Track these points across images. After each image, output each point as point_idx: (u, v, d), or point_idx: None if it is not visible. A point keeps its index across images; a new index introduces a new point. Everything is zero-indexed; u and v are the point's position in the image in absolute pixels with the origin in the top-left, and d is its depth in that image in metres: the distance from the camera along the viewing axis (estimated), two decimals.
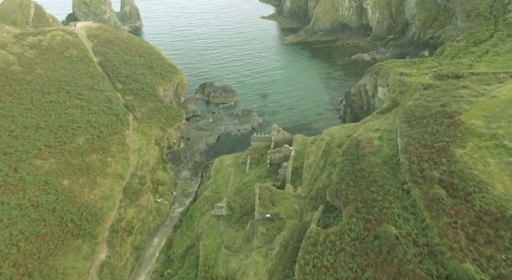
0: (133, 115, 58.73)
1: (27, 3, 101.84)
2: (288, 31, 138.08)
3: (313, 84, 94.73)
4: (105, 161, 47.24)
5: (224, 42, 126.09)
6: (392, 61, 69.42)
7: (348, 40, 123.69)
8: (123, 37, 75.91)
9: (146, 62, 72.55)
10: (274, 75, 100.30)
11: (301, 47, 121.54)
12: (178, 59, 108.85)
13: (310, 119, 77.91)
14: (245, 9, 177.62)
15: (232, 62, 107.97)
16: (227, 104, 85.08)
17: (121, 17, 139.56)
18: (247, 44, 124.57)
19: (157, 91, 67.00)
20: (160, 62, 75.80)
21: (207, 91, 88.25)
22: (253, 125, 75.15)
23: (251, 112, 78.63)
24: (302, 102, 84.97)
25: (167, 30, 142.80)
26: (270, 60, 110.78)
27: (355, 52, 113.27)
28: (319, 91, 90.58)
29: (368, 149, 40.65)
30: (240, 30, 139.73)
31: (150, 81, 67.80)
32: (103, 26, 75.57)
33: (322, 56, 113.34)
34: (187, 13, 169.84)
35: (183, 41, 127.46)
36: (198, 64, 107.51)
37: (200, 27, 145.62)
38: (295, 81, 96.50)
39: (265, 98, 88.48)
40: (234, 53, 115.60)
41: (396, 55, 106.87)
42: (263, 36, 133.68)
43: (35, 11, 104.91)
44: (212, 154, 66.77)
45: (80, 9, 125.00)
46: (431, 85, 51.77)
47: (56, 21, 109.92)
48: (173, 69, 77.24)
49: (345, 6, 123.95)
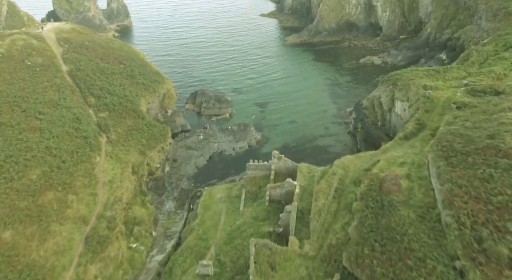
0: (107, 136, 50.20)
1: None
2: (289, 31, 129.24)
3: (318, 92, 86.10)
4: (65, 200, 38.80)
5: (220, 43, 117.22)
6: (411, 70, 60.83)
7: (355, 40, 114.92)
8: (100, 41, 67.20)
9: (127, 70, 63.89)
10: (274, 81, 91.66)
11: (304, 49, 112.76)
12: (168, 64, 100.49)
13: (315, 134, 69.38)
14: (244, 6, 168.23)
15: (228, 67, 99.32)
16: (221, 116, 76.48)
17: (107, 15, 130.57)
18: (244, 45, 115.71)
19: (138, 105, 58.40)
20: (144, 70, 67.13)
21: (199, 101, 79.60)
22: (250, 142, 66.63)
23: (248, 127, 70.07)
24: (306, 114, 76.41)
25: (158, 30, 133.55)
26: (269, 63, 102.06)
27: (364, 55, 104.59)
28: (324, 100, 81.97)
29: (395, 194, 32.22)
30: (237, 30, 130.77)
31: (130, 93, 59.19)
32: (77, 28, 66.82)
33: (327, 59, 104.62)
34: (181, 11, 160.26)
35: (175, 43, 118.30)
36: (190, 69, 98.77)
37: (195, 26, 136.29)
38: (298, 88, 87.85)
39: (263, 109, 79.87)
40: (230, 57, 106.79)
41: (410, 58, 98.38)
42: (263, 36, 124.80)
43: (8, 8, 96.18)
44: (202, 179, 58.37)
45: (61, 6, 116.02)
46: (466, 104, 43.21)
47: (32, 20, 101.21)
48: (159, 77, 68.59)
49: (352, 3, 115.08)
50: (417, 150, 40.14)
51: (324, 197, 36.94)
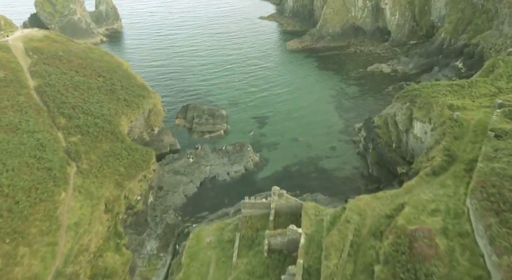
0: (77, 166, 43.19)
1: None
2: (290, 35, 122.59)
3: (322, 104, 79.18)
4: (14, 255, 31.76)
5: (216, 51, 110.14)
6: (431, 85, 53.91)
7: (361, 46, 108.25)
8: (78, 50, 60.34)
9: (106, 84, 56.99)
10: (274, 92, 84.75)
11: (306, 55, 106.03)
12: (158, 73, 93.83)
13: (320, 155, 62.40)
14: (242, 8, 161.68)
15: (224, 77, 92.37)
16: (215, 133, 69.49)
17: (95, 17, 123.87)
18: (242, 52, 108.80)
19: (118, 126, 51.43)
20: (127, 83, 60.25)
21: (190, 116, 72.61)
22: (247, 165, 59.65)
23: (245, 147, 63.05)
24: (309, 130, 69.44)
25: (150, 35, 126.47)
26: (269, 72, 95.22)
27: (371, 62, 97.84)
28: (329, 114, 75.08)
29: (433, 263, 25.21)
30: (235, 35, 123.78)
31: (109, 111, 52.23)
32: (51, 35, 59.98)
33: (332, 67, 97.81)
34: (176, 13, 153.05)
35: (168, 50, 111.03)
36: (182, 79, 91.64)
37: (190, 32, 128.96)
38: (300, 100, 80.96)
39: (262, 124, 72.90)
40: (227, 65, 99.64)
41: (422, 66, 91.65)
42: (262, 41, 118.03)
43: None
44: (191, 210, 51.37)
45: (44, 9, 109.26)
46: (506, 132, 36.34)
47: (11, 24, 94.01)
48: (144, 91, 61.70)
49: (358, 6, 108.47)
50: (450, 191, 33.15)
51: (336, 254, 29.93)
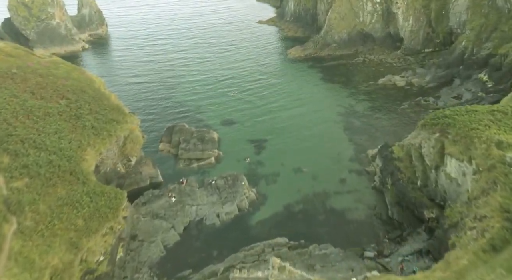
0: (18, 222, 33.89)
1: None
2: (291, 41, 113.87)
3: (329, 124, 70.12)
4: None
5: (209, 60, 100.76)
6: (467, 111, 44.81)
7: (370, 54, 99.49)
8: (37, 66, 51.25)
9: (70, 108, 47.81)
10: (274, 110, 75.66)
11: (310, 65, 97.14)
12: (144, 88, 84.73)
13: (328, 190, 53.21)
14: (239, 11, 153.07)
15: (217, 91, 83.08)
16: (204, 161, 60.29)
17: (77, 22, 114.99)
18: (239, 62, 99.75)
19: (80, 162, 42.24)
20: (98, 106, 51.11)
21: (176, 140, 63.48)
22: (241, 204, 50.39)
23: (239, 180, 53.77)
24: (314, 157, 60.37)
25: (138, 42, 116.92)
26: (268, 85, 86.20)
27: (383, 73, 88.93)
28: (338, 137, 65.99)
29: None
30: (231, 43, 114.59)
31: (70, 144, 43.06)
32: (5, 48, 50.83)
33: (339, 79, 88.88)
34: (168, 19, 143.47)
35: (156, 59, 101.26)
36: (170, 94, 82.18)
37: (181, 39, 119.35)
38: (303, 118, 71.96)
39: (260, 149, 63.76)
40: (221, 77, 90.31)
41: (441, 78, 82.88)
42: (260, 49, 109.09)
43: None
44: (170, 268, 42.02)
45: (18, 13, 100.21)
46: None
47: None
48: (119, 114, 52.56)
49: (367, 10, 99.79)
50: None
51: None
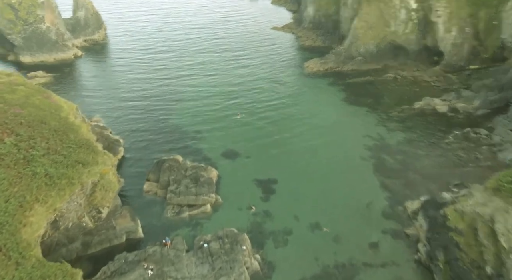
0: None
1: None
2: (309, 52, 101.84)
3: (354, 161, 57.64)
4: None
5: (215, 74, 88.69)
6: None
7: (403, 70, 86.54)
8: None
9: (18, 149, 36.93)
10: (286, 139, 63.67)
11: (330, 81, 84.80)
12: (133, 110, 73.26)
13: (355, 259, 41.07)
14: (252, 15, 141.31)
15: (220, 112, 71.43)
16: (198, 208, 48.76)
17: (72, 26, 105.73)
18: (248, 75, 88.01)
19: (17, 231, 31.26)
20: (59, 143, 40.31)
21: (165, 179, 52.13)
22: (240, 278, 38.56)
23: (238, 241, 41.89)
24: (336, 209, 48.25)
25: (137, 50, 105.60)
26: (280, 106, 74.19)
27: (419, 95, 75.98)
28: (366, 180, 53.58)
29: None
30: (241, 52, 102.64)
31: (5, 205, 31.99)
32: None
33: (365, 100, 76.25)
34: (173, 24, 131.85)
35: (155, 75, 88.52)
36: (165, 116, 70.66)
37: (186, 48, 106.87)
38: (322, 152, 59.71)
39: (268, 194, 51.89)
40: (226, 95, 78.48)
41: (493, 103, 69.72)
42: (274, 61, 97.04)
43: None
44: None
45: (3, 15, 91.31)
46: None
47: None
48: (88, 153, 41.71)
49: (401, 18, 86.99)
50: None
51: None
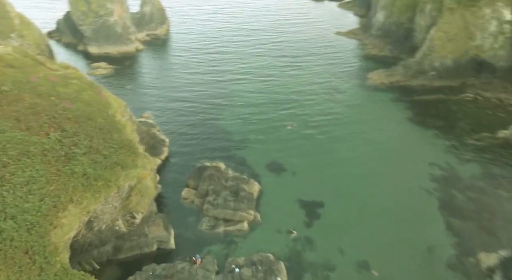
0: None
1: None
2: (375, 61, 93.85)
3: (416, 192, 50.17)
4: None
5: (270, 79, 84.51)
6: None
7: (485, 91, 75.28)
8: (40, 83, 41.29)
9: (61, 145, 36.51)
10: (339, 158, 57.72)
11: (395, 96, 76.62)
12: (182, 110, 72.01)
13: None
14: (316, 18, 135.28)
15: (270, 122, 67.34)
16: (234, 225, 45.53)
17: (137, 20, 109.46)
18: (306, 83, 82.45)
19: (47, 233, 30.35)
20: (102, 142, 39.46)
21: (204, 188, 49.70)
22: None
23: (273, 272, 37.79)
24: (390, 249, 41.80)
25: (195, 48, 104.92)
26: (337, 119, 68.28)
27: (504, 122, 65.11)
28: (428, 217, 46.15)
29: None
30: (301, 59, 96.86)
31: (39, 203, 31.30)
32: (8, 56, 41.91)
33: (434, 122, 67.26)
34: (233, 24, 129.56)
35: (209, 74, 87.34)
36: (213, 121, 68.15)
37: (244, 49, 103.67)
38: (377, 177, 52.96)
39: (312, 217, 46.96)
40: (280, 103, 74.06)
41: None
42: (334, 68, 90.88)
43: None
44: None
45: (77, 7, 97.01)
46: None
47: (28, 24, 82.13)
48: (128, 155, 40.42)
49: (490, 30, 75.80)
50: None
51: None
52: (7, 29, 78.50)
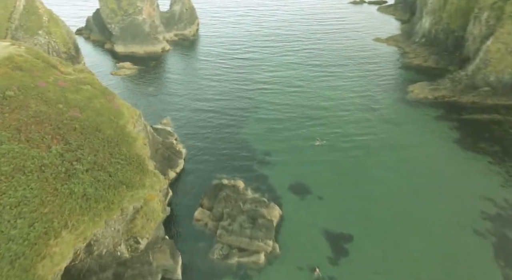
0: None
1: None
2: (417, 73, 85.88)
3: (464, 235, 43.04)
4: None
5: (300, 88, 79.03)
6: None
7: None
8: (49, 88, 38.34)
9: (63, 159, 33.23)
10: (373, 183, 51.38)
11: (440, 114, 68.77)
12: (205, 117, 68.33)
13: None
14: (353, 23, 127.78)
15: (298, 136, 62.10)
16: (249, 256, 40.74)
17: (166, 19, 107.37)
18: (337, 95, 76.43)
19: (34, 265, 26.93)
20: (108, 157, 36.03)
21: (219, 210, 45.25)
22: None
23: None
24: None
25: (222, 52, 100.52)
26: (372, 138, 61.63)
27: None
28: (479, 269, 39.05)
29: None
30: (335, 65, 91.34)
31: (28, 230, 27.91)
32: (18, 58, 39.30)
33: (487, 147, 59.08)
34: (265, 28, 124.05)
35: (235, 81, 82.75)
36: (236, 130, 64.23)
37: (273, 56, 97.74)
38: (419, 213, 46.14)
39: (339, 254, 41.28)
40: (309, 115, 68.60)
41: None
42: (371, 78, 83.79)
43: (25, 3, 78.03)
44: None
45: (107, 5, 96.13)
46: None
47: (56, 21, 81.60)
48: (136, 172, 36.83)
49: None
50: None
51: None
52: (36, 25, 78.24)
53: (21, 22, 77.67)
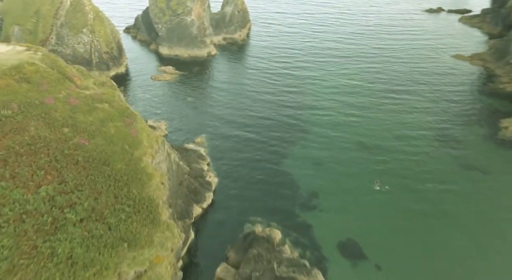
0: None
1: None
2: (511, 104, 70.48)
3: None
4: None
5: (360, 114, 67.68)
6: None
7: None
8: (57, 106, 32.26)
9: (52, 205, 26.59)
10: (449, 249, 39.44)
11: None
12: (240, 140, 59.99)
13: None
14: (429, 35, 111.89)
15: (351, 173, 51.36)
16: None
17: (216, 21, 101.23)
18: (406, 126, 63.74)
19: None
20: (111, 203, 28.88)
21: (247, 272, 36.53)
22: None
23: None
24: None
25: (271, 61, 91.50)
26: (449, 186, 48.69)
27: None
28: None
29: None
30: (402, 87, 78.13)
31: None
32: (27, 68, 33.76)
33: None
34: (324, 33, 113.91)
35: (279, 97, 73.63)
36: (276, 161, 54.57)
37: (327, 70, 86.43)
38: None
39: None
40: (368, 148, 57.21)
41: None
42: (449, 107, 69.41)
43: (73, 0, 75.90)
44: None
45: (156, 3, 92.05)
46: None
47: (101, 19, 78.60)
48: (143, 224, 29.26)
49: None
50: None
51: None
52: (80, 23, 75.77)
53: (67, 19, 75.59)
